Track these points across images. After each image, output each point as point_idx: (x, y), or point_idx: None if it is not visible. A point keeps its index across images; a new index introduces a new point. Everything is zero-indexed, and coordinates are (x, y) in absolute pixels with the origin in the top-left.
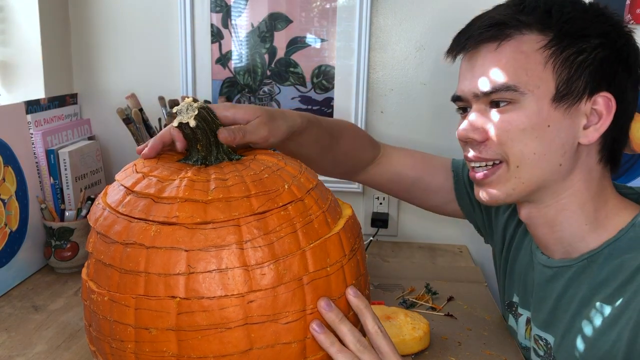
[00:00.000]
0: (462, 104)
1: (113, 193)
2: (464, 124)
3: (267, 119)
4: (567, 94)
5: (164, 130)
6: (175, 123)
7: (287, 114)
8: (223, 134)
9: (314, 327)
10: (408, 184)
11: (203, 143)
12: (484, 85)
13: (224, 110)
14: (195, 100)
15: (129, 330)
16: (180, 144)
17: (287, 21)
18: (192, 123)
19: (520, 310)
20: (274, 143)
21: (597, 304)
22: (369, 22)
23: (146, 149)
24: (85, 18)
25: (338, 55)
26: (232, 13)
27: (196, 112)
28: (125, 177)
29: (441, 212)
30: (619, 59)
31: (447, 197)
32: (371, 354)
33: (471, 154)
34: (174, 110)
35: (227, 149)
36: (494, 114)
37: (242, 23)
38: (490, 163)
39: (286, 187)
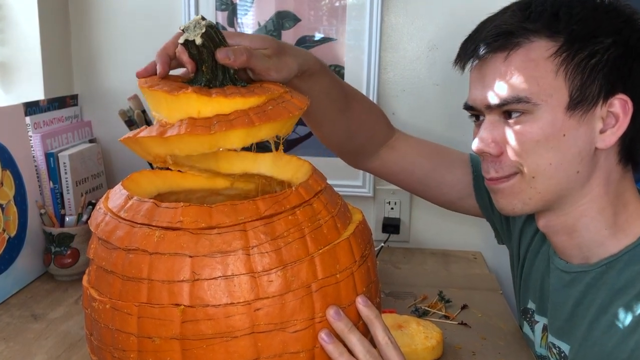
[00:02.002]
0: (475, 112)
1: (115, 197)
2: (479, 139)
3: (275, 52)
4: (581, 101)
5: (165, 43)
6: (181, 40)
7: (299, 51)
8: (222, 53)
9: (323, 336)
10: (423, 175)
11: (208, 65)
12: (495, 97)
13: (229, 38)
14: (204, 19)
15: (132, 340)
16: (190, 66)
17: (295, 20)
18: (199, 41)
19: (536, 318)
20: (279, 79)
21: (616, 310)
22: (379, 21)
23: (159, 66)
24: (86, 16)
25: (348, 54)
26: (238, 11)
27: (203, 30)
28: (129, 133)
29: (456, 208)
30: (634, 56)
31: (463, 192)
32: None
33: (489, 175)
34: (181, 27)
35: (233, 75)
36: (508, 126)
37: (249, 22)
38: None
39: (293, 189)
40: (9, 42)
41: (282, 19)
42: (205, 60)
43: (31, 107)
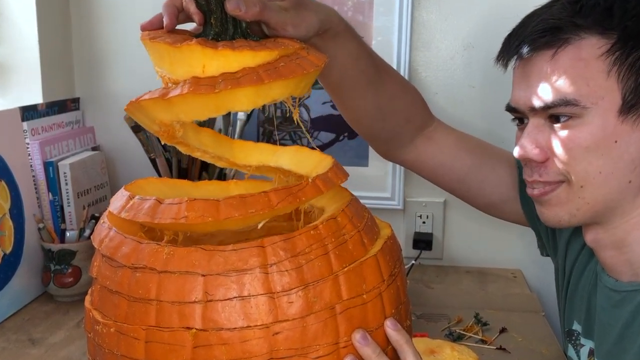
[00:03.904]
0: (518, 114)
1: (116, 200)
2: (521, 144)
3: (293, 4)
4: (635, 104)
5: None
6: None
7: (321, 6)
8: (232, 4)
9: None
10: (464, 172)
11: (217, 16)
12: (540, 99)
13: None
14: None
15: None
16: (197, 17)
17: None
18: None
19: (582, 341)
20: (296, 36)
21: None
22: (410, 17)
23: (165, 18)
24: (89, 14)
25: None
26: None
27: None
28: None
29: (498, 213)
30: None
31: (507, 194)
32: None
33: (532, 177)
34: None
35: (245, 29)
36: (554, 131)
37: None
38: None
39: (310, 180)
40: (5, 41)
41: None
42: (214, 11)
43: (28, 112)
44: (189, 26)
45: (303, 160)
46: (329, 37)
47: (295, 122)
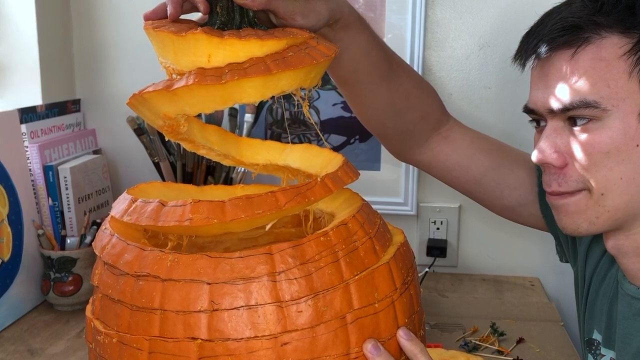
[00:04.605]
0: (536, 116)
1: (118, 204)
2: (539, 148)
3: None
4: None
5: None
6: None
7: None
8: None
9: None
10: (480, 173)
11: (223, 5)
12: (558, 101)
13: None
14: None
15: None
16: (202, 6)
17: None
18: None
19: (603, 351)
20: (305, 25)
21: None
22: (423, 15)
23: (169, 7)
24: (90, 12)
25: None
26: None
27: None
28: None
29: (515, 217)
30: None
31: (525, 197)
32: None
33: (551, 188)
34: None
35: (253, 18)
36: (573, 134)
37: None
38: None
39: (318, 179)
40: (3, 40)
41: None
42: (220, 0)
43: (27, 114)
44: (194, 16)
45: (312, 159)
46: (340, 28)
47: (306, 115)
